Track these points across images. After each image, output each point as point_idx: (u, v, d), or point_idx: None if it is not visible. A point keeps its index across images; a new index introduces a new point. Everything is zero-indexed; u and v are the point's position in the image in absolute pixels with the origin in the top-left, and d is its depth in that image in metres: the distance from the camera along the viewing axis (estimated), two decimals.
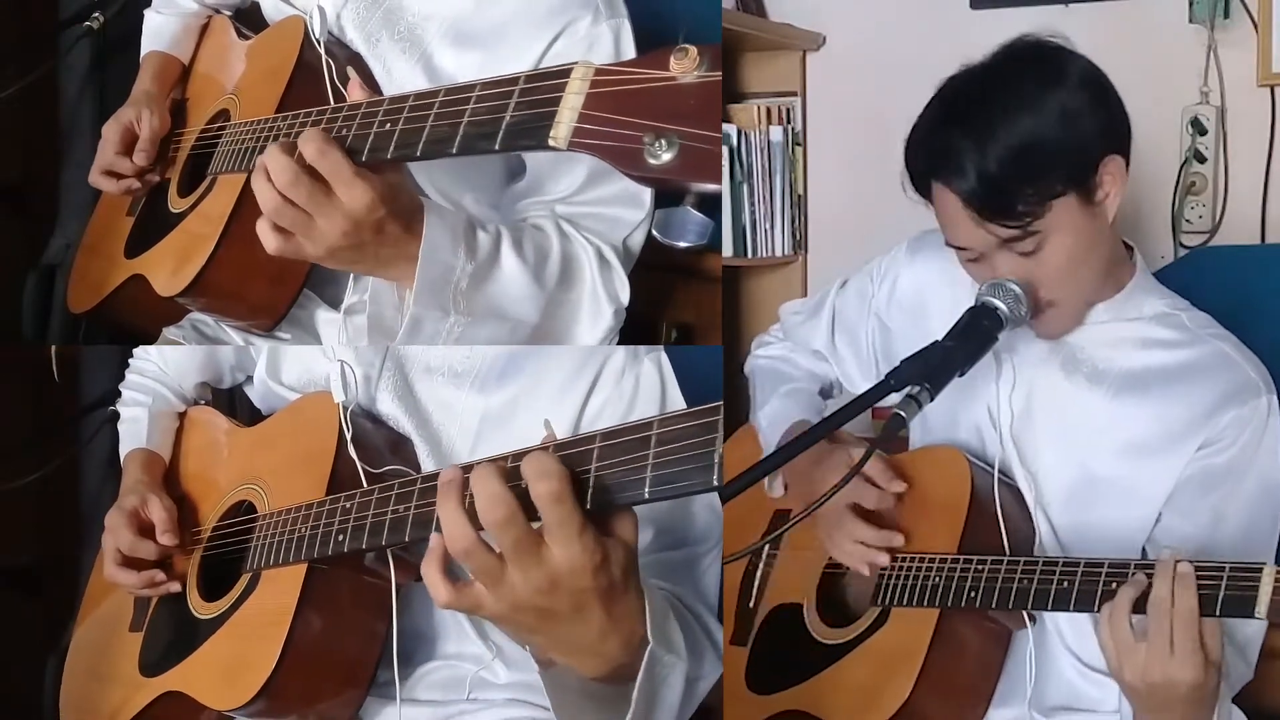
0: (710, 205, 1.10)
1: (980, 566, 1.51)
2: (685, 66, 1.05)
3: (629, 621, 1.12)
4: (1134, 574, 1.38)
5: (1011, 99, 1.45)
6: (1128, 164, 1.50)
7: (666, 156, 1.03)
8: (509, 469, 1.09)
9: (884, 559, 1.58)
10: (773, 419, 1.80)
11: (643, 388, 1.46)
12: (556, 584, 1.07)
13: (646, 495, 1.05)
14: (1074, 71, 1.48)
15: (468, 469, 1.11)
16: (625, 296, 1.58)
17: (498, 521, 1.06)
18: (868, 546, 1.59)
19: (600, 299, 1.56)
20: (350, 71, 1.56)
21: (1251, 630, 1.51)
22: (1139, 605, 1.36)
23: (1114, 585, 1.36)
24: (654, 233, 1.13)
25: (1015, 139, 1.43)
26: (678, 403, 1.48)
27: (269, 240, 1.30)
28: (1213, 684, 1.34)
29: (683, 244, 1.12)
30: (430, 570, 1.11)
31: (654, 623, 1.14)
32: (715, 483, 1.02)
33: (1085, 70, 1.49)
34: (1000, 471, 1.59)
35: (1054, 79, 1.46)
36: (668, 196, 1.10)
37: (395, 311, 1.45)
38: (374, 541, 1.28)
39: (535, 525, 1.07)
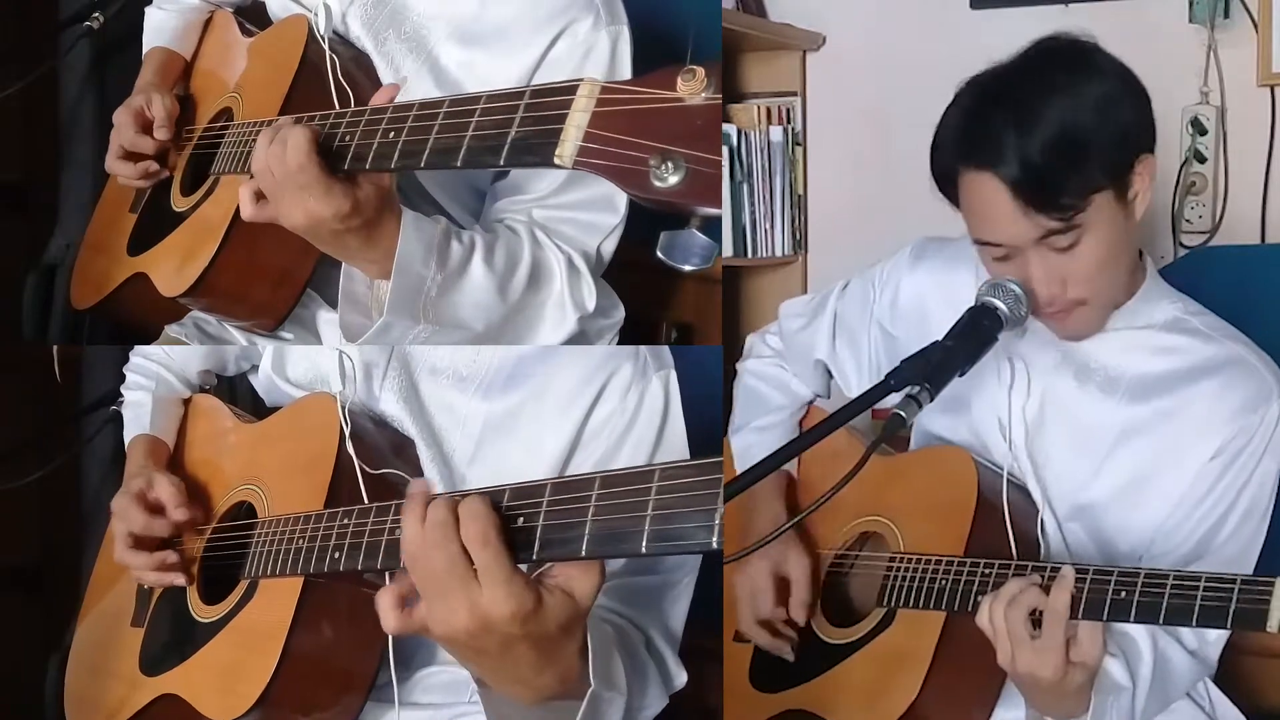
0: (712, 227, 1.10)
1: (988, 570, 1.50)
2: (693, 88, 1.04)
3: (564, 663, 1.13)
4: (1030, 572, 1.43)
5: (1049, 86, 1.43)
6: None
7: (673, 179, 1.03)
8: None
9: (788, 654, 1.65)
10: (741, 453, 1.81)
11: (645, 408, 1.46)
12: (486, 629, 1.08)
13: (644, 549, 1.02)
14: (1107, 65, 1.48)
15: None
16: (591, 304, 1.59)
17: (434, 544, 1.08)
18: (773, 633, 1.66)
19: (566, 306, 1.57)
20: (403, 79, 1.57)
21: (1214, 633, 1.52)
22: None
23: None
24: (659, 255, 1.13)
25: (1057, 123, 1.41)
26: (678, 429, 1.47)
27: (245, 205, 1.37)
28: (1074, 683, 1.38)
29: (688, 267, 1.11)
30: (383, 598, 1.13)
31: (596, 664, 1.15)
32: (714, 544, 0.99)
33: (1117, 66, 1.49)
34: (1009, 474, 1.59)
35: (1089, 70, 1.46)
36: (671, 219, 1.10)
37: (366, 289, 1.47)
38: (369, 563, 1.27)
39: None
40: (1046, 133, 1.41)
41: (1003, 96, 1.46)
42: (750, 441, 1.81)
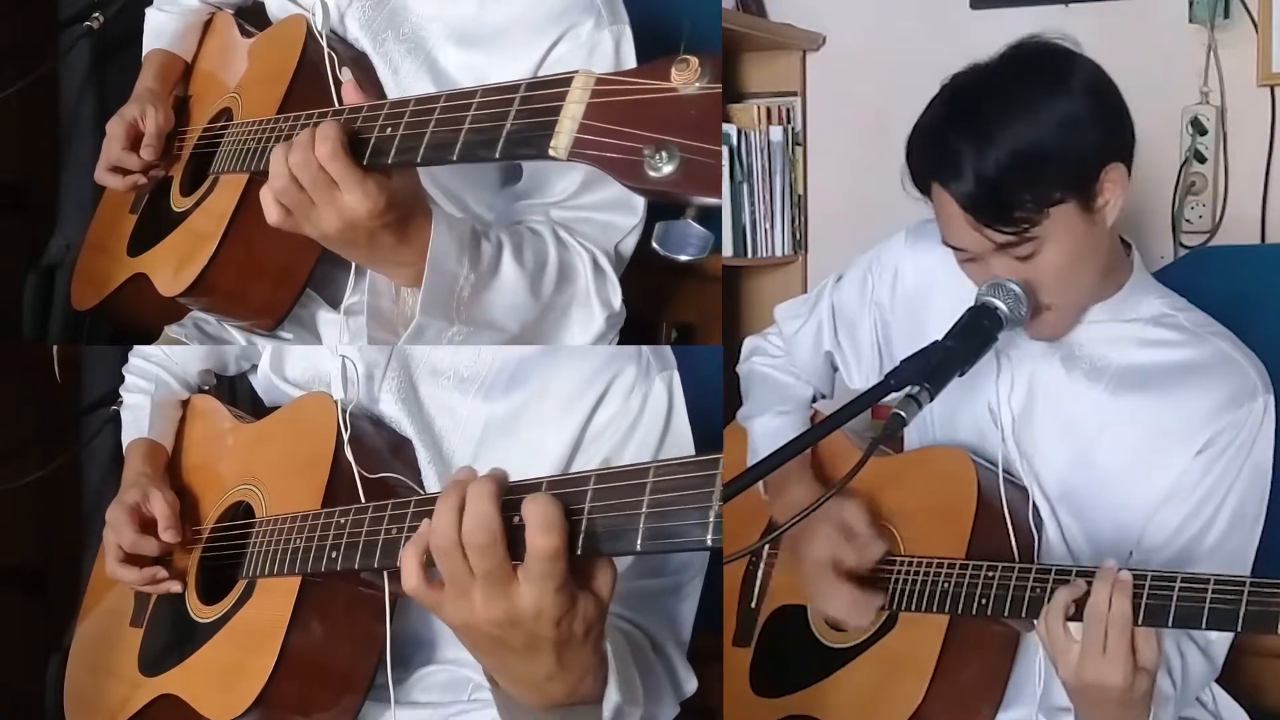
0: (710, 217, 1.09)
1: (990, 574, 1.50)
2: (687, 77, 1.04)
3: (578, 672, 1.12)
4: (1074, 578, 1.41)
5: (1012, 104, 1.44)
6: (1130, 171, 1.49)
7: (667, 169, 1.02)
8: (508, 499, 1.08)
9: (869, 618, 1.59)
10: (768, 434, 1.80)
11: (649, 409, 1.45)
12: (516, 623, 1.07)
13: (639, 547, 1.02)
14: (1079, 77, 1.47)
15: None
16: (617, 302, 1.59)
17: (478, 545, 1.06)
18: (857, 606, 1.60)
19: (593, 304, 1.57)
20: (345, 72, 1.56)
21: (1217, 634, 1.52)
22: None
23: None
24: (654, 245, 1.12)
25: (1014, 144, 1.42)
26: (683, 430, 1.47)
27: (271, 211, 1.32)
28: (1142, 688, 1.37)
29: (683, 257, 1.11)
30: (410, 554, 1.11)
31: (617, 673, 1.15)
32: (710, 541, 0.98)
33: (1091, 76, 1.48)
34: (1004, 470, 1.59)
35: (1057, 85, 1.45)
36: (667, 209, 1.09)
37: (392, 304, 1.45)
38: (366, 562, 1.27)
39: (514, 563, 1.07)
40: (1001, 153, 1.42)
41: (965, 112, 1.46)
42: (776, 425, 1.80)
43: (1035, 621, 1.44)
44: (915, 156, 1.52)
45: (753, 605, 1.74)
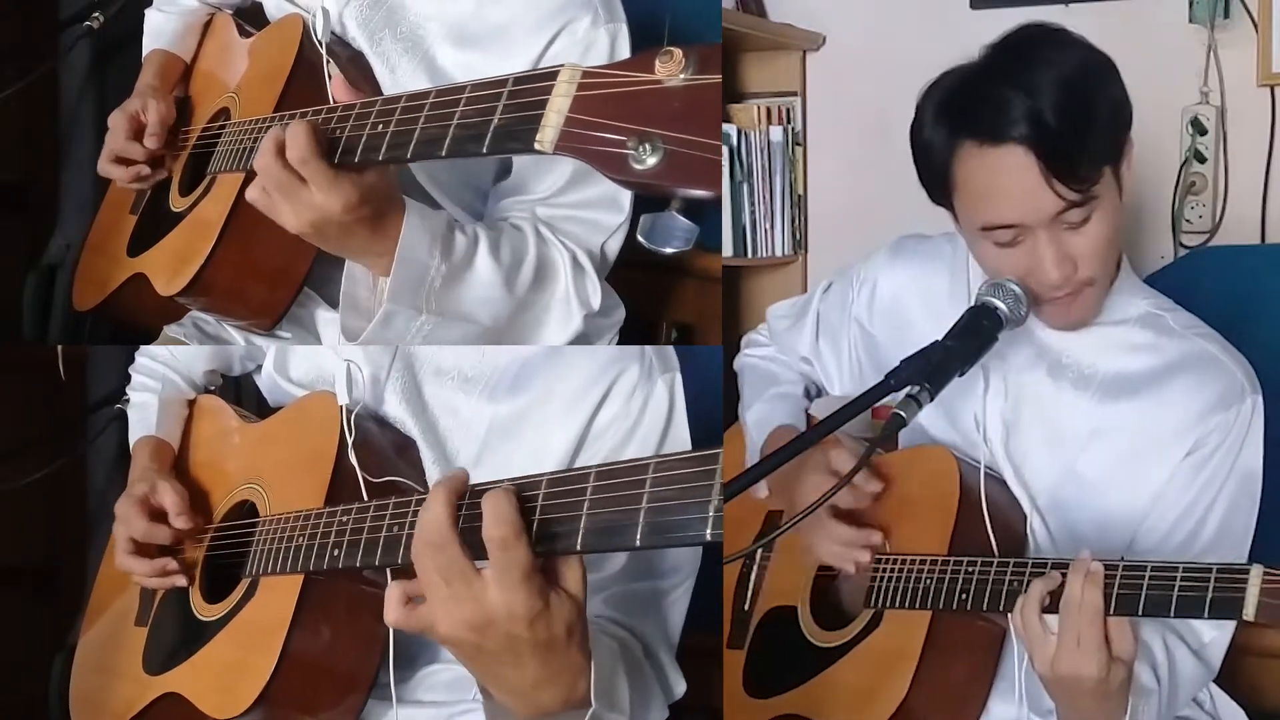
0: (697, 209, 1.08)
1: (970, 568, 1.51)
2: (670, 69, 1.03)
3: (568, 677, 1.12)
4: (1049, 570, 1.41)
5: (1036, 59, 1.43)
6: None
7: (651, 161, 1.02)
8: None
9: (865, 556, 1.59)
10: (759, 422, 1.80)
11: (650, 411, 1.46)
12: (490, 623, 1.08)
13: (638, 542, 1.02)
14: (1081, 43, 1.48)
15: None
16: (596, 301, 1.59)
17: (430, 544, 1.09)
18: (849, 546, 1.60)
19: (572, 303, 1.57)
20: (333, 69, 1.56)
21: (1212, 636, 1.52)
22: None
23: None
24: (639, 238, 1.11)
25: (1063, 89, 1.40)
26: (681, 432, 1.47)
27: (253, 195, 1.35)
28: (1119, 679, 1.37)
29: (667, 250, 1.10)
30: (392, 589, 1.13)
31: (599, 683, 1.14)
32: (710, 535, 0.98)
33: (1090, 45, 1.49)
34: (989, 469, 1.59)
35: (1065, 45, 1.46)
36: (656, 201, 1.09)
37: (369, 292, 1.46)
38: (368, 560, 1.28)
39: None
40: (1053, 97, 1.40)
41: (1004, 69, 1.44)
42: (765, 411, 1.80)
43: (1010, 614, 1.44)
44: (948, 128, 1.46)
45: (745, 608, 1.74)
